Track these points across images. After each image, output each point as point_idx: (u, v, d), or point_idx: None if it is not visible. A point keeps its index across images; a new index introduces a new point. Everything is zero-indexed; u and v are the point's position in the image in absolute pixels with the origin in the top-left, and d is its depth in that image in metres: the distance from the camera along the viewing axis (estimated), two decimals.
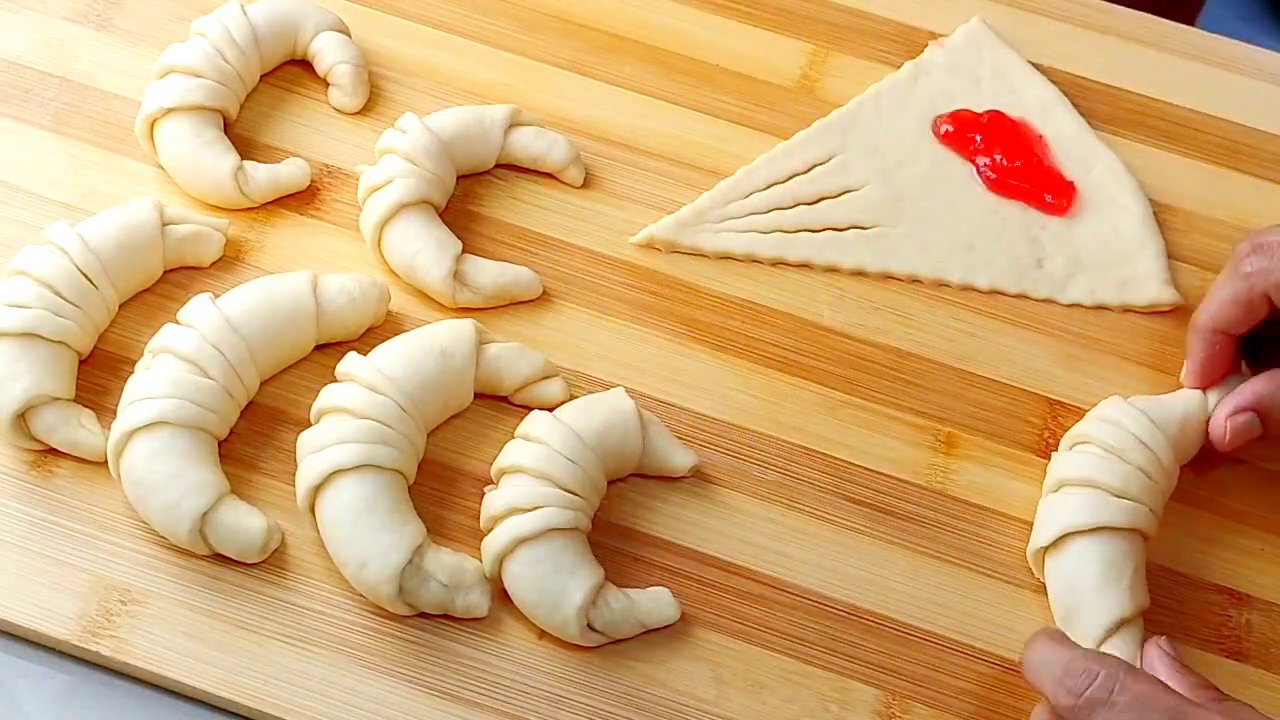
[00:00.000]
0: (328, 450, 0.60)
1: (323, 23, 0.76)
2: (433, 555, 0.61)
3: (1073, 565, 0.63)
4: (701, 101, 0.79)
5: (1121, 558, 0.62)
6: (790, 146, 0.77)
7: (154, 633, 0.60)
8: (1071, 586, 0.62)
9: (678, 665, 0.62)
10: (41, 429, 0.63)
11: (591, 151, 0.76)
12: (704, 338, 0.71)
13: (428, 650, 0.61)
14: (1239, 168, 0.81)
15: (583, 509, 0.61)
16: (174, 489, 0.60)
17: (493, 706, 0.60)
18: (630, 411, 0.64)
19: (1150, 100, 0.82)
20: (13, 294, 0.63)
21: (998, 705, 0.62)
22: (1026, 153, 0.78)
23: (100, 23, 0.78)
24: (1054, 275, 0.75)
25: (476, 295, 0.70)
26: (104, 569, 0.61)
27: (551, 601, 0.60)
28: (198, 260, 0.69)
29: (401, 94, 0.77)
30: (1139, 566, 0.63)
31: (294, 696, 0.59)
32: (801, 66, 0.81)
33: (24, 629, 0.60)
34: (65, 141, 0.73)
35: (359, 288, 0.67)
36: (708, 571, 0.64)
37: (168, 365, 0.62)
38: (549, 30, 0.81)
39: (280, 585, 0.62)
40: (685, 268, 0.73)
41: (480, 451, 0.66)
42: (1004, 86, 0.81)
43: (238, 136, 0.74)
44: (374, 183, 0.70)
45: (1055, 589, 0.63)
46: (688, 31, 0.82)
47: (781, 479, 0.67)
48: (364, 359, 0.63)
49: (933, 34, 0.83)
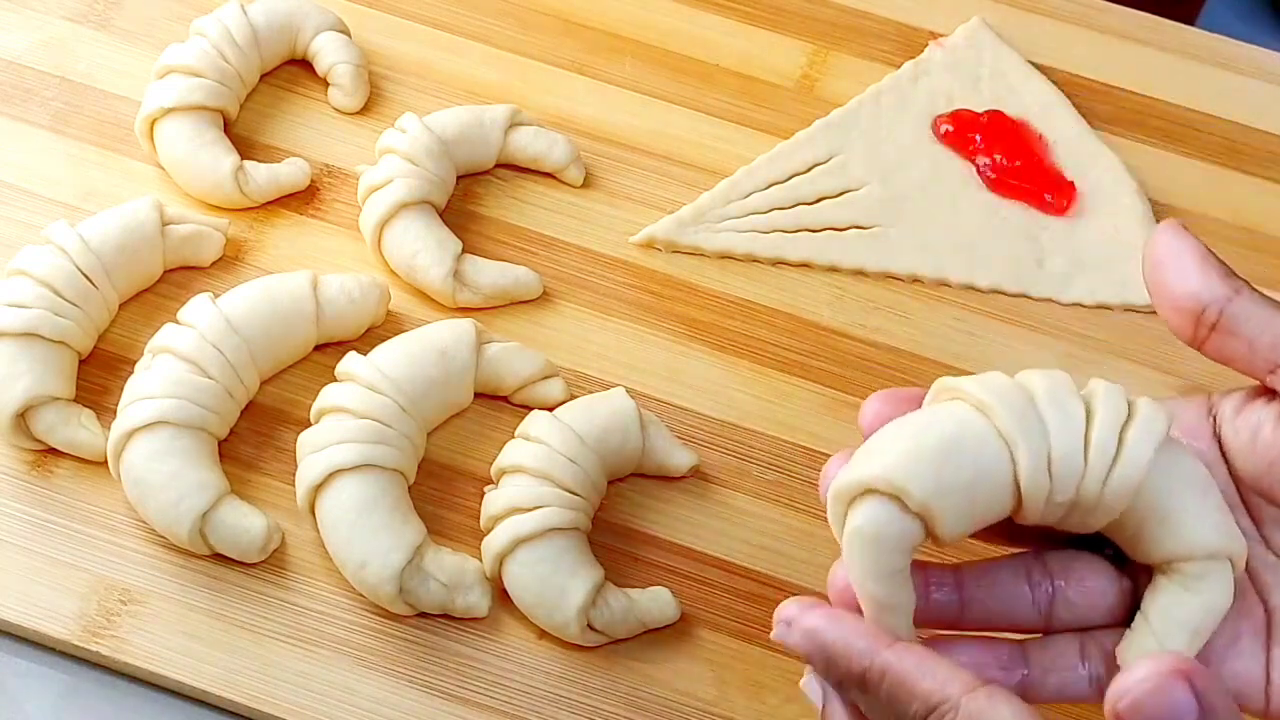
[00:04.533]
0: (328, 450, 0.60)
1: (323, 23, 0.76)
2: (433, 555, 0.61)
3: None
4: (701, 101, 0.79)
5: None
6: (790, 146, 0.77)
7: (154, 632, 0.60)
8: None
9: (678, 665, 0.62)
10: (41, 429, 0.63)
11: (591, 151, 0.76)
12: (704, 338, 0.71)
13: (428, 650, 0.61)
14: (1239, 168, 0.80)
15: (583, 509, 0.61)
16: (174, 489, 0.60)
17: (493, 706, 0.60)
18: (630, 411, 0.64)
19: (1150, 100, 0.82)
20: (13, 294, 0.63)
21: None
22: (1026, 153, 0.78)
23: (100, 23, 0.78)
24: (1054, 275, 0.75)
25: (476, 295, 0.70)
26: (104, 569, 0.61)
27: (551, 601, 0.60)
28: (198, 260, 0.69)
29: (401, 94, 0.77)
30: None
31: (294, 696, 0.59)
32: (801, 66, 0.81)
33: (24, 629, 0.60)
34: (65, 141, 0.73)
35: (359, 288, 0.67)
36: (708, 571, 0.64)
37: (168, 365, 0.62)
38: (549, 30, 0.81)
39: (280, 585, 0.62)
40: (685, 267, 0.73)
41: (480, 451, 0.66)
42: (1004, 86, 0.81)
43: (238, 136, 0.74)
44: (374, 183, 0.70)
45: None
46: (688, 31, 0.82)
47: (781, 479, 0.67)
48: (364, 359, 0.63)
49: (933, 34, 0.83)
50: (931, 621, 0.50)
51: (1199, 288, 0.48)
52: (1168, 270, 0.49)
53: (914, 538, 0.45)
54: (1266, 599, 0.48)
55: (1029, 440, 0.45)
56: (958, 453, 0.44)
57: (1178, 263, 0.49)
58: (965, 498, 0.45)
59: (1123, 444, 0.46)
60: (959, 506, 0.44)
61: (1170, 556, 0.47)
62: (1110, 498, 0.45)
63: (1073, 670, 0.49)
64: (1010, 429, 0.45)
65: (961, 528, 0.45)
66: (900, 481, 0.43)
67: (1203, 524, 0.46)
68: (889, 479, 0.44)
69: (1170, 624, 0.47)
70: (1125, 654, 0.47)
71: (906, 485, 0.43)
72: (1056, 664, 0.49)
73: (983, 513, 0.46)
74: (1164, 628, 0.47)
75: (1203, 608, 0.46)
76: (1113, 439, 0.46)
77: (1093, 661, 0.49)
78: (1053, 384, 0.46)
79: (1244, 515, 0.49)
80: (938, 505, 0.44)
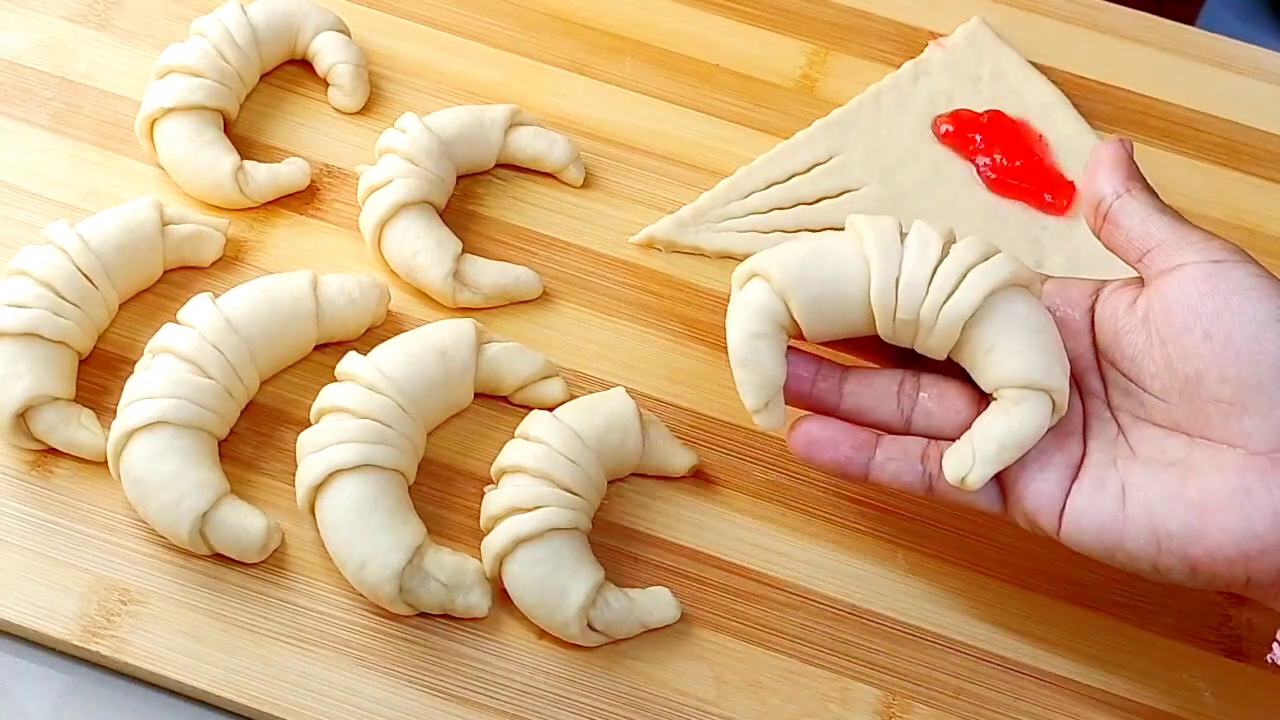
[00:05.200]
0: (328, 450, 0.60)
1: (323, 23, 0.76)
2: (433, 555, 0.61)
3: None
4: (701, 101, 0.79)
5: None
6: (790, 146, 0.77)
7: (154, 632, 0.60)
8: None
9: (678, 665, 0.62)
10: (41, 429, 0.63)
11: (591, 151, 0.76)
12: (704, 338, 0.71)
13: (428, 650, 0.61)
14: (1239, 168, 0.81)
15: (583, 509, 0.61)
16: (174, 489, 0.60)
17: (493, 706, 0.60)
18: (630, 411, 0.64)
19: (1150, 100, 0.82)
20: (13, 294, 0.63)
21: (998, 705, 0.62)
22: (1026, 153, 0.78)
23: (100, 22, 0.78)
24: (1054, 275, 0.75)
25: (476, 295, 0.70)
26: (104, 569, 0.61)
27: (552, 601, 0.60)
28: (198, 260, 0.69)
29: (401, 94, 0.77)
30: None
31: (294, 696, 0.59)
32: (801, 66, 0.81)
33: (24, 629, 0.60)
34: (65, 141, 0.73)
35: (359, 288, 0.67)
36: (708, 571, 0.64)
37: (168, 365, 0.62)
38: (549, 30, 0.81)
39: (280, 585, 0.62)
40: (685, 268, 0.73)
41: (480, 451, 0.66)
42: (1004, 86, 0.81)
43: (238, 136, 0.74)
44: (374, 182, 0.70)
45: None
46: (688, 31, 0.82)
47: (781, 479, 0.67)
48: (364, 359, 0.63)
49: (933, 34, 0.83)
50: (812, 405, 0.61)
51: (1101, 184, 0.58)
52: (1089, 170, 0.59)
53: (777, 315, 0.58)
54: (1087, 442, 0.57)
55: (883, 263, 0.56)
56: (821, 259, 0.58)
57: (1098, 166, 0.59)
58: (817, 294, 0.57)
59: (963, 281, 0.56)
60: (810, 299, 0.57)
61: (995, 383, 0.57)
62: (944, 323, 0.56)
63: (911, 464, 0.59)
64: (871, 253, 0.57)
65: (818, 323, 0.58)
66: (770, 269, 0.57)
67: (1022, 359, 0.56)
68: (764, 266, 0.58)
69: (985, 438, 0.56)
70: (946, 455, 0.57)
71: (771, 271, 0.57)
72: (899, 455, 0.59)
73: (838, 316, 0.57)
74: (980, 440, 0.56)
75: (1013, 428, 0.56)
76: (956, 275, 0.56)
77: (930, 462, 0.59)
78: (924, 227, 0.57)
79: (1095, 376, 0.58)
80: (795, 293, 0.57)
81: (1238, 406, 0.53)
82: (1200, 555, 0.53)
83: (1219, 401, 0.54)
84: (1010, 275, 0.56)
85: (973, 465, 0.56)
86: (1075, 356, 0.58)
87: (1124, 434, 0.57)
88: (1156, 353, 0.56)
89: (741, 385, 0.59)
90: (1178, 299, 0.55)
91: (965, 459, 0.57)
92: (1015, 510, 0.58)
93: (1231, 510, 0.53)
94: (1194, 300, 0.54)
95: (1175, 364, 0.55)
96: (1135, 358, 0.57)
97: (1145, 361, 0.56)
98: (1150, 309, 0.56)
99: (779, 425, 0.59)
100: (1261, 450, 0.53)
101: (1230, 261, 0.55)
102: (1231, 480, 0.53)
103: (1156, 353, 0.56)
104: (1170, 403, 0.56)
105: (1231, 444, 0.54)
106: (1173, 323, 0.55)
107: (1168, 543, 0.54)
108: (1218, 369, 0.54)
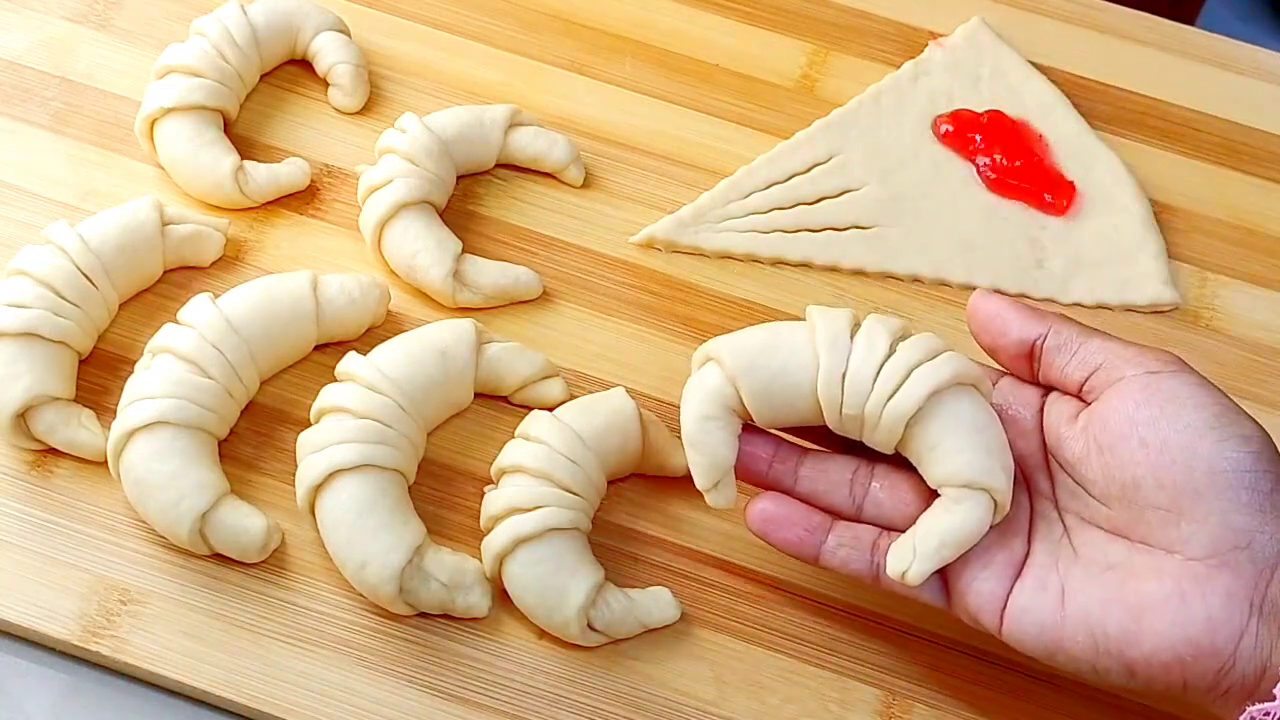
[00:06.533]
0: (328, 450, 0.60)
1: (323, 23, 0.76)
2: (433, 555, 0.61)
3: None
4: (701, 101, 0.79)
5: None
6: (790, 146, 0.77)
7: (154, 633, 0.60)
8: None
9: (678, 665, 0.62)
10: (41, 429, 0.63)
11: (591, 151, 0.76)
12: (704, 338, 0.70)
13: (428, 650, 0.61)
14: (1239, 168, 0.81)
15: (583, 509, 0.61)
16: (174, 489, 0.60)
17: (493, 706, 0.60)
18: (631, 411, 0.64)
19: (1150, 100, 0.82)
20: (13, 294, 0.63)
21: (998, 705, 0.62)
22: (1026, 153, 0.78)
23: (100, 22, 0.78)
24: (1054, 275, 0.75)
25: (476, 295, 0.70)
26: (104, 569, 0.61)
27: (551, 601, 0.60)
28: (198, 260, 0.69)
29: (401, 94, 0.77)
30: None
31: (294, 696, 0.59)
32: (801, 66, 0.81)
33: (24, 629, 0.60)
34: (65, 141, 0.73)
35: (359, 288, 0.67)
36: (708, 571, 0.64)
37: (168, 365, 0.62)
38: (549, 30, 0.81)
39: (280, 585, 0.62)
40: (685, 268, 0.73)
41: (480, 451, 0.66)
42: (1004, 86, 0.81)
43: (238, 136, 0.74)
44: (374, 182, 0.70)
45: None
46: (688, 31, 0.82)
47: None
48: (364, 359, 0.63)
49: (933, 34, 0.83)
50: (769, 485, 0.61)
51: (1019, 332, 0.59)
52: (989, 327, 0.60)
53: (728, 399, 0.58)
54: (1032, 543, 0.58)
55: (831, 357, 0.57)
56: (772, 349, 0.58)
57: (995, 320, 0.60)
58: (766, 383, 0.57)
59: (908, 379, 0.56)
60: (759, 388, 0.57)
61: (938, 481, 0.57)
62: (887, 420, 0.57)
63: (861, 552, 0.59)
64: (820, 346, 0.57)
65: (766, 411, 0.58)
66: (723, 354, 0.58)
67: (963, 458, 0.56)
68: (718, 351, 0.58)
69: (926, 535, 0.57)
70: (890, 550, 0.58)
71: (724, 357, 0.58)
72: (851, 543, 0.59)
73: (786, 405, 0.58)
74: (922, 537, 0.57)
75: (954, 526, 0.56)
76: (901, 373, 0.57)
77: (879, 553, 0.59)
78: (876, 322, 0.58)
79: (1044, 476, 0.59)
80: (745, 380, 0.58)
81: (1174, 513, 0.54)
82: (1137, 658, 0.53)
83: (1156, 508, 0.54)
84: (954, 375, 0.57)
85: (913, 561, 0.56)
86: (1024, 456, 0.59)
87: (1069, 535, 0.57)
88: (1094, 460, 0.56)
89: (692, 466, 0.59)
90: (1115, 408, 0.55)
91: (906, 555, 0.57)
92: (958, 606, 0.58)
93: (1166, 615, 0.53)
94: (1130, 408, 0.55)
95: (1114, 471, 0.55)
96: (1076, 464, 0.57)
97: (1084, 469, 0.56)
98: (1090, 418, 0.56)
99: (728, 504, 0.59)
100: (1198, 556, 0.53)
101: (1166, 372, 0.56)
102: (1168, 585, 0.53)
103: (1094, 460, 0.56)
104: (1111, 508, 0.56)
105: (1169, 550, 0.54)
106: (1110, 430, 0.55)
107: (1105, 644, 0.54)
108: (1154, 476, 0.54)
